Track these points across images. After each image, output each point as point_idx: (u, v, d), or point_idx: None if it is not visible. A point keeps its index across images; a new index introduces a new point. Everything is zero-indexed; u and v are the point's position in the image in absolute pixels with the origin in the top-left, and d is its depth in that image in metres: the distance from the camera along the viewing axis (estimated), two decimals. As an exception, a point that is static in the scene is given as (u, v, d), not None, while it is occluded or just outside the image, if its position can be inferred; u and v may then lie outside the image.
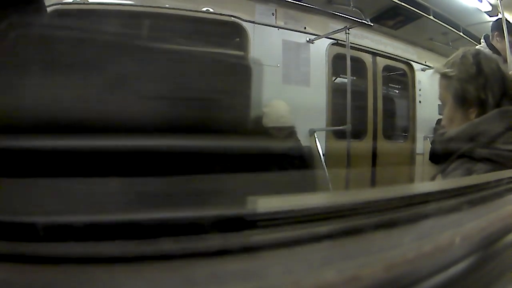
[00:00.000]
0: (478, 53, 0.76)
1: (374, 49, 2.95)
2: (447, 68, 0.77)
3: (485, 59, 0.75)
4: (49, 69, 0.29)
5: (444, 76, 0.78)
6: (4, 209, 0.24)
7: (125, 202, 0.29)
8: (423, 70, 3.26)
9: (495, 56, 1.68)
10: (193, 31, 2.13)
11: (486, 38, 1.81)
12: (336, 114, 2.58)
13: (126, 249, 0.19)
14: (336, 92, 2.64)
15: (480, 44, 1.85)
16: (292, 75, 2.45)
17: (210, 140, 0.34)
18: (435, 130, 2.92)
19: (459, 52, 0.78)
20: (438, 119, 2.85)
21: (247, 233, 0.23)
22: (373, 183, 2.73)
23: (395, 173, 3.01)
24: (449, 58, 0.79)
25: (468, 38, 3.24)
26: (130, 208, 0.28)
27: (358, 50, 2.81)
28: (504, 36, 1.69)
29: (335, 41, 2.62)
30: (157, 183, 0.30)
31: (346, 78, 2.44)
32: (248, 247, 0.21)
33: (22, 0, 0.38)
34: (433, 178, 0.80)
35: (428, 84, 3.20)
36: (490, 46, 1.74)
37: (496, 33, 1.74)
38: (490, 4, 2.96)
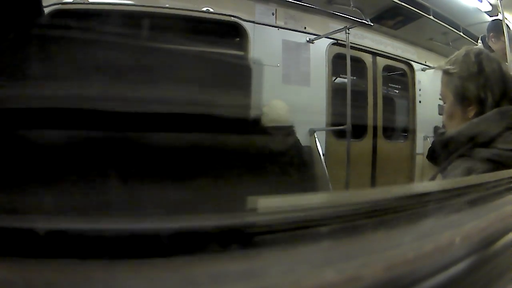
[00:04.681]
0: (480, 53, 0.77)
1: (374, 49, 2.95)
2: (449, 65, 0.78)
3: (487, 59, 0.75)
4: (48, 69, 0.29)
5: (445, 73, 0.79)
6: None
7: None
8: (423, 70, 3.26)
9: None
10: (193, 31, 2.12)
11: (483, 39, 1.84)
12: (336, 114, 2.58)
13: (126, 249, 0.19)
14: (336, 92, 2.64)
15: (477, 44, 1.89)
16: (292, 75, 2.44)
17: (210, 139, 0.34)
18: (435, 129, 2.92)
19: (462, 50, 0.79)
20: (435, 126, 2.86)
21: (247, 232, 0.23)
22: (373, 182, 2.73)
23: (395, 172, 3.01)
24: (452, 56, 0.80)
25: (468, 38, 3.24)
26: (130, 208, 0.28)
27: (358, 50, 2.81)
28: (499, 37, 1.73)
29: (335, 41, 2.62)
30: (156, 182, 0.30)
31: (346, 78, 2.44)
32: (248, 247, 0.21)
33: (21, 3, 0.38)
34: (433, 178, 0.80)
35: (428, 84, 3.20)
36: (486, 46, 1.77)
37: (491, 34, 1.78)
38: (490, 4, 2.96)
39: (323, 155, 2.40)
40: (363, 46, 2.85)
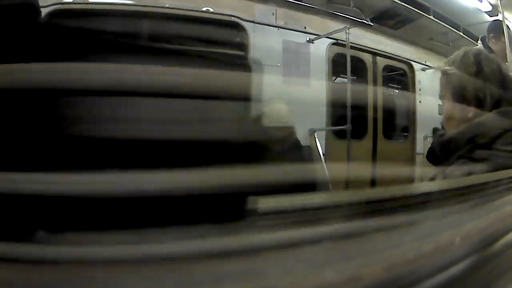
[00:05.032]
0: (479, 53, 0.77)
1: (374, 49, 2.95)
2: (448, 66, 0.78)
3: (485, 60, 0.75)
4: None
5: (444, 73, 0.79)
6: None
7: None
8: (423, 70, 3.26)
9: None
10: (193, 31, 2.12)
11: (483, 40, 1.83)
12: (336, 113, 2.58)
13: (126, 249, 0.19)
14: (336, 92, 2.63)
15: (477, 45, 1.88)
16: (292, 75, 2.44)
17: (209, 139, 0.34)
18: (434, 131, 2.92)
19: (461, 51, 0.79)
20: (434, 128, 2.85)
21: (247, 232, 0.23)
22: (373, 182, 2.73)
23: (395, 172, 3.01)
24: (451, 56, 0.80)
25: (468, 38, 3.24)
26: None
27: (358, 50, 2.81)
28: (499, 37, 1.72)
29: (335, 41, 2.62)
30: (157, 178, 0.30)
31: (346, 78, 2.44)
32: (248, 247, 0.21)
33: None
34: (432, 179, 0.79)
35: (428, 84, 3.20)
36: (486, 47, 1.77)
37: (491, 34, 1.77)
38: (490, 4, 2.96)
39: (323, 155, 2.40)
40: (363, 46, 2.84)
